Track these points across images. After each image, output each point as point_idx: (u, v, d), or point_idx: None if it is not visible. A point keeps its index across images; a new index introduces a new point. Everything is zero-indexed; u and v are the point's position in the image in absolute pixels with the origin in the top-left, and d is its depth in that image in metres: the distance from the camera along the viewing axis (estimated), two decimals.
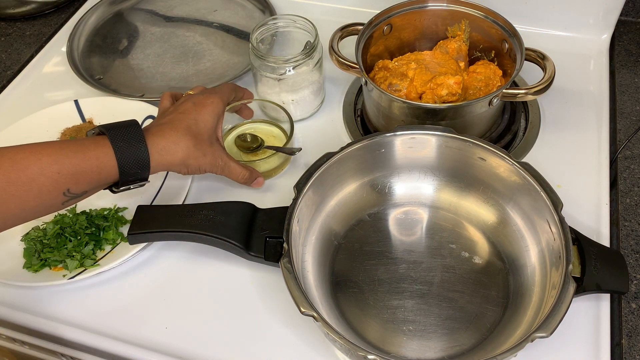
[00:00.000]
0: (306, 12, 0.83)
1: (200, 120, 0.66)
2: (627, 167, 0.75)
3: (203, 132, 0.66)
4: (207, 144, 0.66)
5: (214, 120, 0.67)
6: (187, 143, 0.63)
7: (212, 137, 0.67)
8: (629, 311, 0.63)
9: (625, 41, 0.93)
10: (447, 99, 0.73)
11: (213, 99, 0.68)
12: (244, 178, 0.70)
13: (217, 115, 0.68)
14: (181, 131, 0.64)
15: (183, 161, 0.64)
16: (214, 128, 0.67)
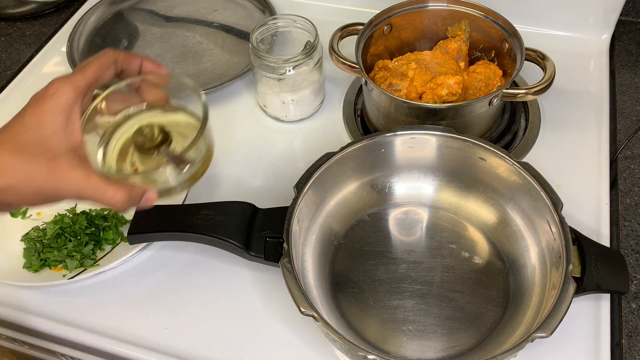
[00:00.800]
0: (306, 12, 0.83)
1: (30, 125, 0.46)
2: (627, 167, 0.75)
3: (33, 142, 0.46)
4: (42, 159, 0.46)
5: (54, 120, 0.47)
6: (6, 159, 0.45)
7: (55, 147, 0.47)
8: (629, 311, 0.63)
9: (625, 41, 0.93)
10: (447, 99, 0.73)
11: (56, 88, 0.47)
12: (118, 203, 0.48)
13: (60, 112, 0.47)
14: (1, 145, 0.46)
15: (8, 188, 0.45)
16: (56, 132, 0.47)
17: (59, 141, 0.47)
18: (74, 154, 0.47)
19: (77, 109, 0.48)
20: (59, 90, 0.47)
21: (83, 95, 0.49)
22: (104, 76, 0.50)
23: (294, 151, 0.81)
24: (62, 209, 0.74)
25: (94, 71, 0.49)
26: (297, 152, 0.81)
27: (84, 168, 0.47)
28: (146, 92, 0.53)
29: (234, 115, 0.86)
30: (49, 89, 0.48)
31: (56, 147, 0.47)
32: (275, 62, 0.76)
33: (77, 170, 0.46)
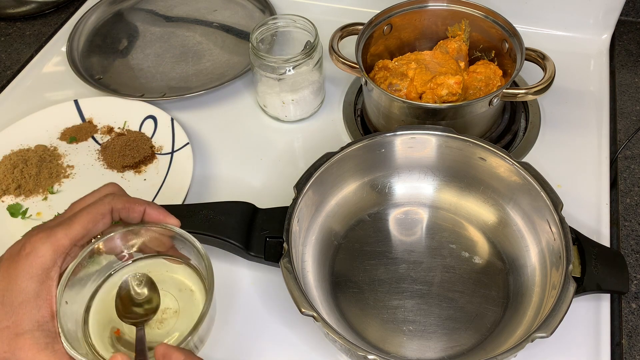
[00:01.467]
0: (306, 12, 0.83)
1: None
2: (628, 167, 0.75)
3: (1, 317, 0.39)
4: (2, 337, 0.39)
5: (24, 288, 0.40)
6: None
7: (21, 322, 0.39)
8: (629, 311, 0.63)
9: (625, 41, 0.93)
10: (447, 98, 0.73)
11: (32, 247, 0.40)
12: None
13: (32, 277, 0.40)
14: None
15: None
16: (24, 302, 0.40)
17: (27, 314, 0.39)
18: (41, 330, 0.40)
19: (54, 273, 0.41)
20: (35, 250, 0.40)
21: (64, 256, 0.41)
22: (94, 229, 0.43)
23: (294, 151, 0.81)
24: (62, 209, 0.74)
25: (82, 226, 0.42)
26: (297, 152, 0.81)
27: (50, 351, 0.40)
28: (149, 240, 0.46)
29: (234, 115, 0.86)
30: (25, 247, 0.40)
31: (22, 321, 0.39)
32: (275, 62, 0.76)
33: (41, 355, 0.39)
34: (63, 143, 0.83)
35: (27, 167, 0.78)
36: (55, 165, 0.80)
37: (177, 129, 0.81)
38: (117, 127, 0.85)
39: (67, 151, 0.82)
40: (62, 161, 0.81)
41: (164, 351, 0.39)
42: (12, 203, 0.76)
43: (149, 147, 0.81)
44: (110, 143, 0.82)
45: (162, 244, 0.47)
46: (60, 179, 0.79)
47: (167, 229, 0.46)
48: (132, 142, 0.81)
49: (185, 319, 0.48)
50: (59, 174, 0.79)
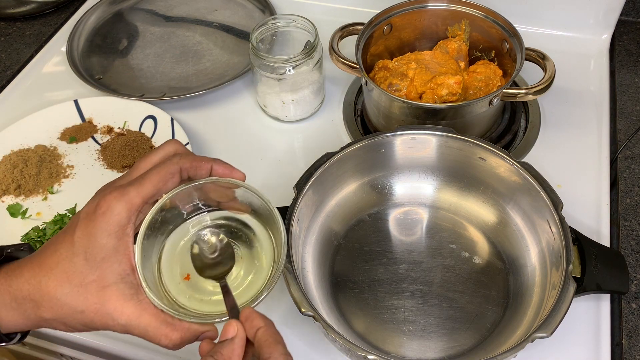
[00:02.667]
0: (306, 12, 0.83)
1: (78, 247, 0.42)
2: (628, 167, 0.75)
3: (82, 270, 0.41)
4: (90, 291, 0.42)
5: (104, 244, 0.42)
6: (51, 291, 0.42)
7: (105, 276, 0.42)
8: (629, 311, 0.63)
9: (625, 41, 0.93)
10: (447, 98, 0.73)
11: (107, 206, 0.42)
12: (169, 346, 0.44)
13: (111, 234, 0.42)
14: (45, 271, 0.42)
15: (54, 319, 0.42)
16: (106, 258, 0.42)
17: (110, 268, 0.42)
18: (125, 282, 0.42)
19: (130, 229, 0.43)
20: (110, 208, 0.42)
21: (137, 213, 0.43)
22: (164, 188, 0.44)
23: (294, 151, 0.81)
24: (62, 208, 0.74)
25: (153, 185, 0.43)
26: (297, 152, 0.81)
27: (136, 301, 0.42)
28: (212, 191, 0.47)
29: (234, 115, 0.86)
30: (101, 206, 0.42)
31: (106, 274, 0.42)
32: (275, 62, 0.76)
33: (128, 305, 0.42)
34: (63, 143, 0.83)
35: (27, 167, 0.78)
36: (55, 165, 0.80)
37: (177, 129, 0.81)
38: (117, 127, 0.85)
39: (67, 151, 0.82)
40: (62, 161, 0.81)
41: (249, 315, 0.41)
42: (12, 203, 0.76)
43: (149, 147, 0.81)
44: (110, 143, 0.82)
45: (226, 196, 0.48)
46: (60, 179, 0.79)
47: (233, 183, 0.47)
48: (132, 142, 0.81)
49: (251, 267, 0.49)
50: (58, 174, 0.79)
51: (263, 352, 0.39)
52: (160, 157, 0.46)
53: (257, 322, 0.41)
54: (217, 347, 0.39)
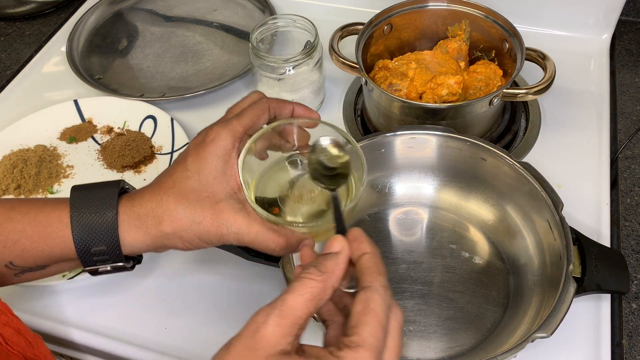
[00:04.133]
0: (306, 12, 0.83)
1: (192, 171, 0.48)
2: (628, 167, 0.75)
3: (196, 188, 0.47)
4: (205, 205, 0.47)
5: (214, 166, 0.47)
6: (172, 206, 0.47)
7: (216, 193, 0.47)
8: (629, 311, 0.63)
9: (625, 41, 0.93)
10: (447, 98, 0.73)
11: (215, 134, 0.48)
12: (277, 249, 0.48)
13: (219, 157, 0.48)
14: (164, 190, 0.48)
15: (173, 233, 0.47)
16: (216, 177, 0.47)
17: (220, 186, 0.47)
18: (233, 198, 0.48)
19: (234, 154, 0.48)
20: (218, 135, 0.48)
21: (239, 141, 0.49)
22: (258, 123, 0.50)
23: None
24: None
25: (250, 119, 0.49)
26: None
27: (245, 213, 0.48)
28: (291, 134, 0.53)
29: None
30: (209, 135, 0.48)
31: (218, 192, 0.47)
32: (275, 62, 0.76)
33: (239, 216, 0.47)
34: (63, 143, 0.83)
35: (26, 167, 0.78)
36: (55, 165, 0.80)
37: (177, 129, 0.81)
38: (116, 127, 0.85)
39: (66, 151, 0.82)
40: (62, 161, 0.81)
41: (357, 236, 0.42)
42: None
43: (149, 147, 0.81)
44: (110, 143, 0.82)
45: (303, 138, 0.53)
46: (60, 179, 0.79)
47: (313, 121, 0.52)
48: (131, 142, 0.81)
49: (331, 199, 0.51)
50: (58, 174, 0.79)
51: (364, 279, 0.39)
52: (248, 102, 0.52)
53: (364, 245, 0.41)
54: (321, 259, 0.40)
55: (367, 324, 0.36)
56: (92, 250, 0.47)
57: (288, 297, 0.37)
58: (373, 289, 0.38)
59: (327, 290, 0.38)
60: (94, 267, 0.49)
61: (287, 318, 0.36)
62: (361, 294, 0.37)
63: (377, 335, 0.36)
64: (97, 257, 0.48)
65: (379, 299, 0.37)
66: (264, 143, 0.52)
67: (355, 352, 0.34)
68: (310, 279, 0.37)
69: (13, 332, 0.50)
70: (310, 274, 0.38)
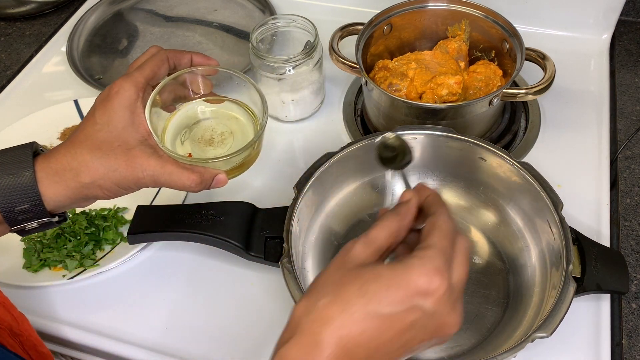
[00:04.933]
0: (306, 12, 0.83)
1: (101, 124, 0.50)
2: (628, 167, 0.75)
3: (108, 139, 0.50)
4: (118, 153, 0.49)
5: (122, 116, 0.50)
6: (87, 158, 0.49)
7: (127, 141, 0.50)
8: (629, 311, 0.63)
9: (625, 41, 0.93)
10: (447, 98, 0.73)
11: (118, 87, 0.51)
12: (192, 185, 0.52)
13: (126, 107, 0.50)
14: (77, 144, 0.50)
15: (91, 182, 0.49)
16: (125, 127, 0.50)
17: (130, 134, 0.50)
18: (144, 144, 0.51)
19: (139, 103, 0.51)
20: (122, 87, 0.51)
21: (143, 91, 0.52)
22: (159, 73, 0.53)
23: (294, 151, 0.81)
24: None
25: (150, 69, 0.52)
26: (297, 152, 0.81)
27: (158, 156, 0.51)
28: (193, 83, 0.57)
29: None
30: (113, 88, 0.51)
31: (128, 140, 0.50)
32: (275, 62, 0.76)
33: (152, 159, 0.50)
34: None
35: None
36: None
37: None
38: None
39: None
40: None
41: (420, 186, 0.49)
42: None
43: None
44: None
45: (206, 87, 0.57)
46: None
47: (211, 68, 0.56)
48: None
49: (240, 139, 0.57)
50: None
51: (429, 210, 0.46)
52: (148, 55, 0.54)
53: (427, 191, 0.48)
54: (396, 207, 0.46)
55: (435, 235, 0.42)
56: (16, 210, 0.49)
57: (372, 231, 0.44)
58: (438, 213, 0.44)
59: (403, 229, 0.45)
60: (21, 225, 0.50)
61: (371, 245, 0.43)
62: (430, 219, 0.44)
63: (443, 242, 0.42)
64: (22, 215, 0.49)
65: (443, 219, 0.43)
66: (169, 95, 0.55)
67: (425, 251, 0.41)
68: (389, 219, 0.44)
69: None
70: (389, 215, 0.45)
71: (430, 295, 0.40)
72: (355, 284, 0.40)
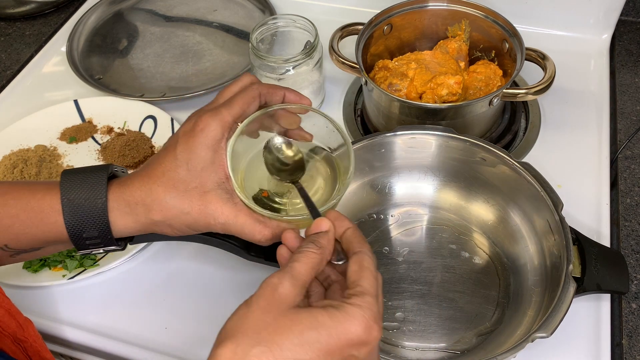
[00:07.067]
0: (306, 12, 0.83)
1: (181, 160, 0.48)
2: (628, 167, 0.75)
3: (185, 179, 0.48)
4: (194, 196, 0.48)
5: (203, 156, 0.48)
6: (161, 196, 0.48)
7: (205, 183, 0.48)
8: (629, 311, 0.63)
9: (625, 41, 0.93)
10: (447, 98, 0.73)
11: (205, 123, 0.48)
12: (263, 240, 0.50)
13: (209, 147, 0.48)
14: (154, 180, 0.48)
15: (162, 221, 0.49)
16: (205, 168, 0.48)
17: (208, 176, 0.48)
18: (221, 188, 0.48)
19: (223, 144, 0.49)
20: (208, 125, 0.48)
21: (228, 130, 0.49)
22: (248, 111, 0.50)
23: None
24: None
25: (240, 106, 0.49)
26: None
27: (232, 204, 0.49)
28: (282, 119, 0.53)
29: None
30: (198, 124, 0.48)
31: (206, 182, 0.48)
32: (275, 62, 0.76)
33: (227, 206, 0.48)
34: (63, 143, 0.83)
35: (27, 167, 0.78)
36: (55, 165, 0.80)
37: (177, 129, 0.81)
38: (117, 127, 0.85)
39: (67, 151, 0.82)
40: (62, 161, 0.81)
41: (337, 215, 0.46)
42: None
43: (149, 147, 0.81)
44: (110, 143, 0.82)
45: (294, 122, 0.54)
46: None
47: (302, 108, 0.53)
48: (132, 142, 0.81)
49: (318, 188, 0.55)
50: (58, 174, 0.79)
51: (353, 247, 0.44)
52: (239, 86, 0.52)
53: (346, 222, 0.46)
54: (314, 237, 0.45)
55: (366, 278, 0.42)
56: (84, 236, 0.48)
57: (295, 264, 0.42)
58: (363, 252, 0.44)
59: (323, 261, 0.44)
60: (88, 250, 0.50)
61: (298, 281, 0.41)
62: (355, 257, 0.43)
63: (374, 286, 0.42)
64: (90, 241, 0.49)
65: (369, 260, 0.43)
66: (255, 125, 0.52)
67: (363, 298, 0.40)
68: (311, 252, 0.43)
69: (4, 313, 0.51)
70: (310, 248, 0.43)
71: (368, 344, 0.39)
72: (293, 332, 0.38)
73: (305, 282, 0.42)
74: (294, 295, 0.41)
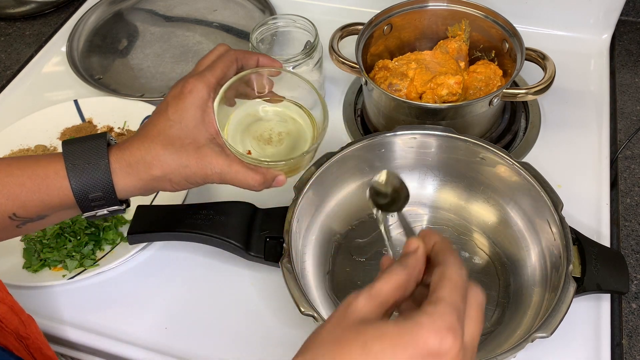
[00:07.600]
0: (306, 12, 0.83)
1: (174, 120, 0.53)
2: (628, 167, 0.75)
3: (180, 136, 0.52)
4: (190, 150, 0.52)
5: (194, 115, 0.53)
6: (160, 152, 0.52)
7: (198, 139, 0.53)
8: (629, 311, 0.63)
9: (625, 41, 0.93)
10: (447, 98, 0.73)
11: (192, 86, 0.53)
12: (256, 185, 0.55)
13: (198, 107, 0.53)
14: (150, 139, 0.52)
15: (163, 176, 0.52)
16: (196, 125, 0.53)
17: (200, 133, 0.53)
18: (213, 143, 0.54)
19: (210, 103, 0.54)
20: (195, 87, 0.53)
21: (214, 91, 0.54)
22: (228, 73, 0.56)
23: None
24: None
25: (221, 70, 0.55)
26: None
27: (225, 155, 0.53)
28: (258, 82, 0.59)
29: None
30: (186, 87, 0.53)
31: (199, 138, 0.53)
32: None
33: (220, 158, 0.53)
34: None
35: None
36: None
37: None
38: (117, 127, 0.85)
39: None
40: None
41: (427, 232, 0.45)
42: None
43: None
44: None
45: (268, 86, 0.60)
46: None
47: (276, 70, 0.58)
48: None
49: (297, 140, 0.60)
50: None
51: (437, 259, 0.42)
52: (216, 54, 0.57)
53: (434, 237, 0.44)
54: (402, 258, 0.42)
55: (444, 287, 0.38)
56: (89, 197, 0.51)
57: (376, 283, 0.40)
58: (448, 262, 0.40)
59: (411, 282, 0.41)
60: (92, 212, 0.53)
61: (375, 298, 0.39)
62: (437, 270, 0.40)
63: (454, 296, 0.37)
64: (95, 202, 0.52)
65: (453, 269, 0.39)
66: (233, 92, 0.58)
67: (435, 306, 0.36)
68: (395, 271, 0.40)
69: (7, 310, 0.53)
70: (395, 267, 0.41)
71: (442, 356, 0.35)
72: (357, 343, 0.36)
73: (385, 301, 0.39)
74: (368, 310, 0.38)
